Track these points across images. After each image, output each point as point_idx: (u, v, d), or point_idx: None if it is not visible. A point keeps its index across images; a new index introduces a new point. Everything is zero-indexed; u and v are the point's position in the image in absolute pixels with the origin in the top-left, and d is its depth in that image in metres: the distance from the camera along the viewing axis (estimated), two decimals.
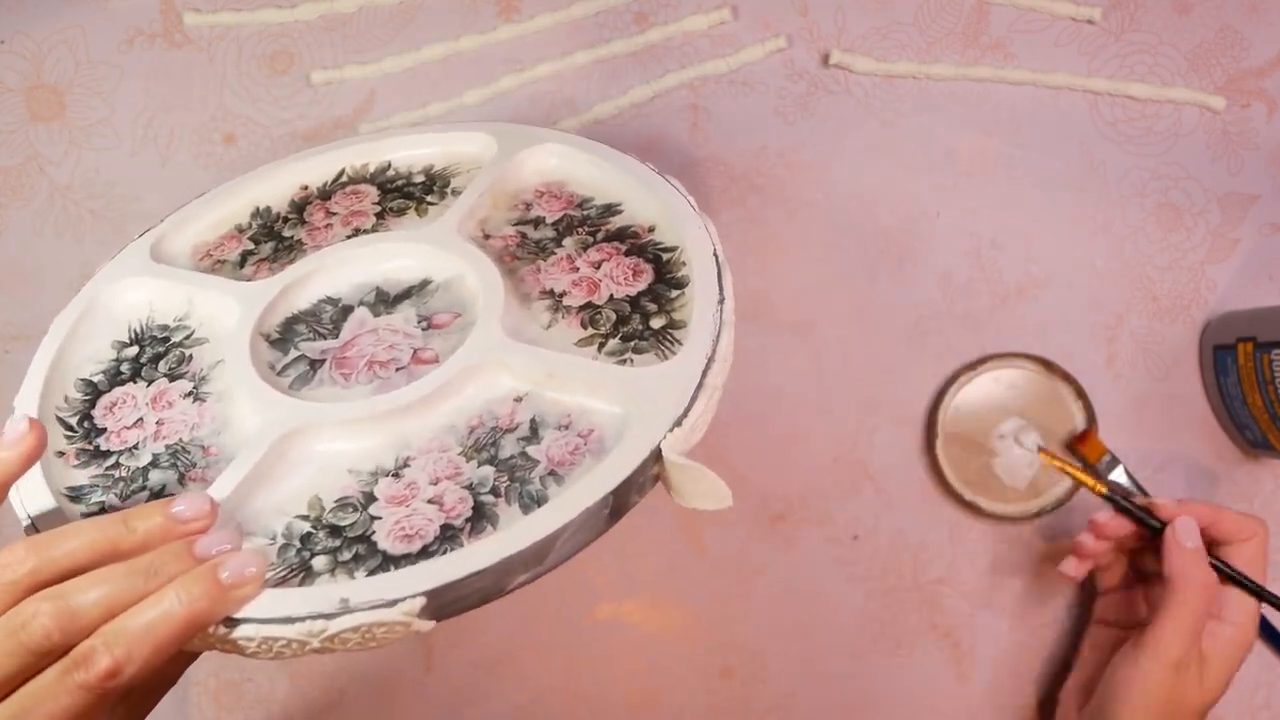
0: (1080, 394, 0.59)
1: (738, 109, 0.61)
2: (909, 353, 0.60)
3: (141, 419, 0.42)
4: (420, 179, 0.51)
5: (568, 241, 0.45)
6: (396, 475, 0.37)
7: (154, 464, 0.40)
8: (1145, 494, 0.58)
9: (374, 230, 0.48)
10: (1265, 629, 0.59)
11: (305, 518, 0.37)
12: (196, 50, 0.61)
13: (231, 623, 0.33)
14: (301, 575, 0.35)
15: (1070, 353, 0.60)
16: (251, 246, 0.49)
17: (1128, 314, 0.60)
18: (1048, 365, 0.59)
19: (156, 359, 0.44)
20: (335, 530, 0.36)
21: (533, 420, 0.38)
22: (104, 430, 0.42)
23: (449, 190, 0.50)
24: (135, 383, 0.43)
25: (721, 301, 0.40)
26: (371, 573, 0.34)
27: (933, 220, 0.61)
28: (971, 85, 0.61)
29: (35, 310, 0.61)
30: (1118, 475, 0.58)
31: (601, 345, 0.40)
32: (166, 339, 0.45)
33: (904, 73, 0.61)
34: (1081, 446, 0.58)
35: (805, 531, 0.59)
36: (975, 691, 0.59)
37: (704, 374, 0.37)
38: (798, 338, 0.60)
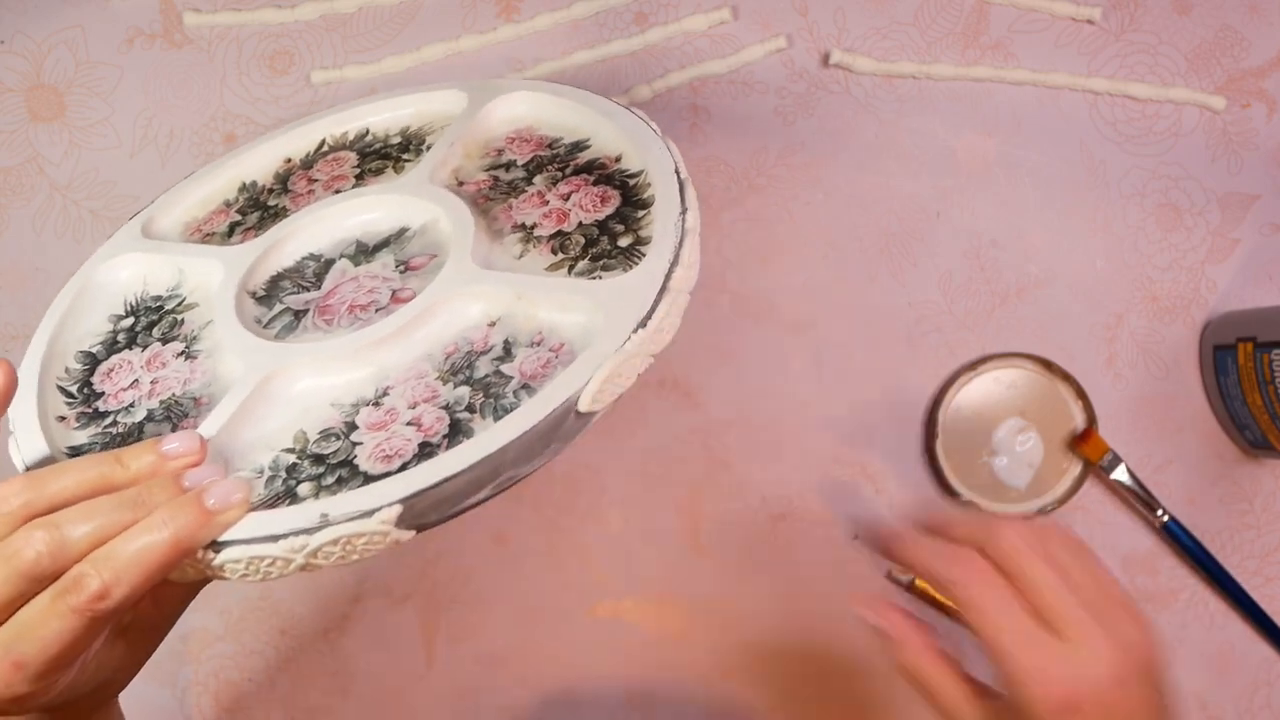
0: (1080, 394, 0.59)
1: (738, 109, 0.61)
2: (909, 353, 0.60)
3: (137, 380, 0.43)
4: (397, 140, 0.52)
5: (538, 179, 0.46)
6: (376, 404, 0.39)
7: (149, 418, 0.41)
8: (1148, 493, 0.58)
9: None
10: (1266, 626, 0.59)
11: (291, 450, 0.38)
12: (196, 50, 0.61)
13: (218, 547, 0.34)
14: (287, 502, 0.36)
15: (1070, 353, 0.60)
16: (239, 218, 0.50)
17: (1128, 314, 0.60)
18: (1048, 365, 0.59)
19: (150, 326, 0.45)
20: (319, 459, 0.37)
21: (505, 341, 0.39)
22: (102, 394, 0.43)
23: (424, 148, 0.51)
24: (131, 349, 0.45)
25: (684, 212, 0.41)
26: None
27: (933, 220, 0.61)
28: (971, 85, 0.61)
29: (35, 310, 0.60)
30: (1119, 474, 0.58)
31: (571, 267, 0.41)
32: (160, 308, 0.46)
33: (904, 73, 0.61)
34: (1082, 446, 0.58)
35: (805, 531, 0.59)
36: None
37: (666, 278, 0.38)
38: (798, 338, 0.60)
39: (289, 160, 0.53)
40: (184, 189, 0.52)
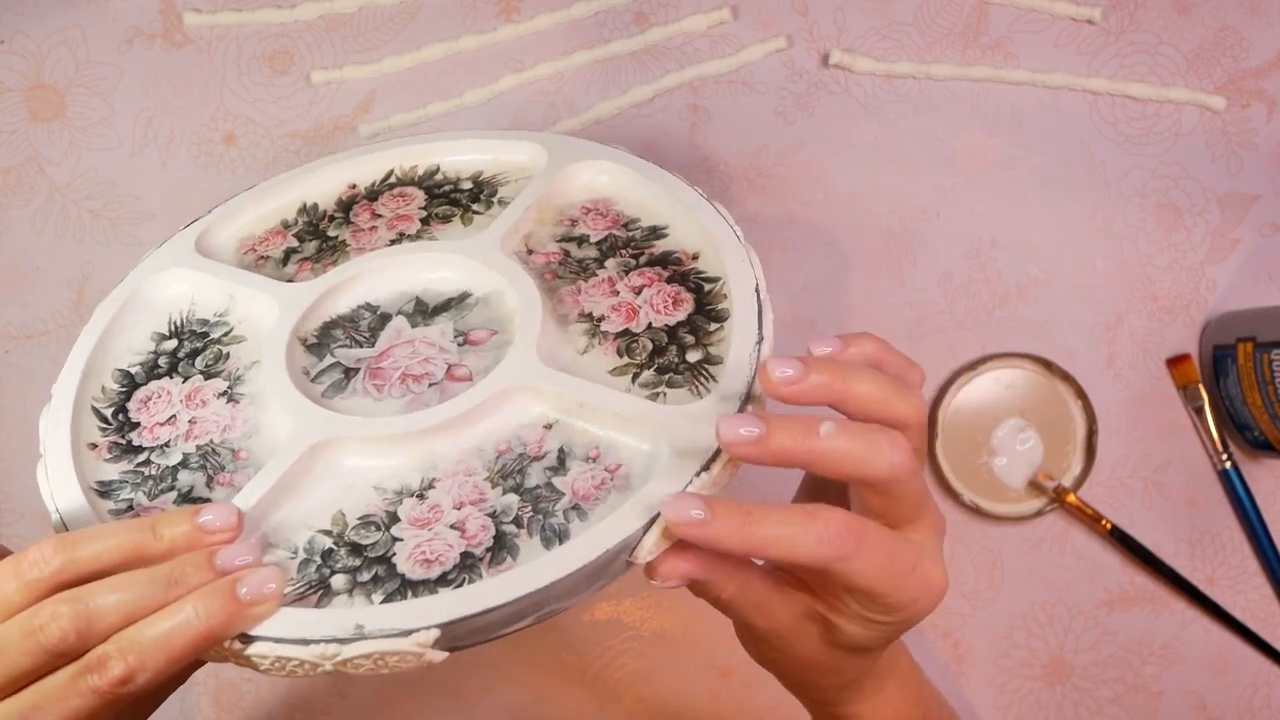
0: (1080, 394, 0.59)
1: (738, 109, 0.61)
2: (909, 353, 0.60)
3: (175, 416, 0.42)
4: (468, 186, 0.51)
5: (610, 263, 0.45)
6: (421, 496, 0.37)
7: (184, 464, 0.40)
8: (1222, 434, 0.59)
9: (418, 236, 0.48)
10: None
11: (328, 533, 0.37)
12: (196, 50, 0.61)
13: (246, 639, 0.33)
14: (320, 594, 0.35)
15: (1070, 353, 0.60)
16: (296, 244, 0.49)
17: (1128, 314, 0.60)
18: (1048, 365, 0.59)
19: (194, 354, 0.44)
20: (356, 549, 0.36)
21: (560, 450, 0.38)
22: (137, 425, 0.42)
23: (495, 200, 0.49)
24: (171, 378, 0.43)
25: (760, 342, 0.39)
26: (389, 596, 0.34)
27: (933, 220, 0.61)
28: (971, 85, 0.61)
29: (35, 310, 0.61)
30: (1202, 407, 0.59)
31: (635, 376, 0.40)
32: (205, 334, 0.45)
33: (904, 73, 0.61)
34: (1176, 367, 0.59)
35: None
36: (975, 691, 0.59)
37: None
38: (798, 338, 0.60)
39: (354, 186, 0.52)
40: (243, 202, 0.51)
